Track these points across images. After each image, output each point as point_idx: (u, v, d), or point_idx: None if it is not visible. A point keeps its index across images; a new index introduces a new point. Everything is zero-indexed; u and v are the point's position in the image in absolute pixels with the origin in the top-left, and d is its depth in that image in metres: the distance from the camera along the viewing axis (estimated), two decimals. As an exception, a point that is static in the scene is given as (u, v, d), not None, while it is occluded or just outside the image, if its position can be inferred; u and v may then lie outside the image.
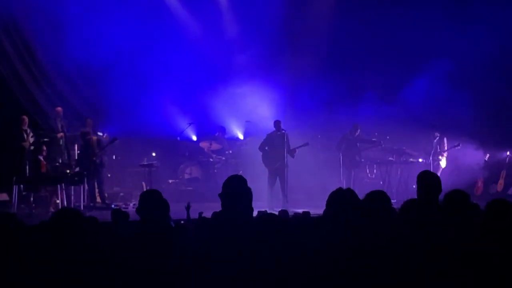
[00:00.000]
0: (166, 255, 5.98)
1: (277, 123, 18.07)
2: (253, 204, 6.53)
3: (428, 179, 7.47)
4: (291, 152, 17.92)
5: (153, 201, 6.44)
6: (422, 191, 7.39)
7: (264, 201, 16.85)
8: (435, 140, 19.24)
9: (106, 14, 20.59)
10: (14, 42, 20.11)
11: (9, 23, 19.75)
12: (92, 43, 20.78)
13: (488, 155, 19.90)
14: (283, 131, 17.87)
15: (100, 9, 20.73)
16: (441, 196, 6.97)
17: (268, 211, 10.55)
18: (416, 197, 7.31)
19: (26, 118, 18.74)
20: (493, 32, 19.87)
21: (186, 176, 21.30)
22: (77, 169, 17.74)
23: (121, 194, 19.32)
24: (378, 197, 6.40)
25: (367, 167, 19.94)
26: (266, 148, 18.15)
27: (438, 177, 7.65)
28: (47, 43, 20.32)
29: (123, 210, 10.55)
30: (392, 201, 6.64)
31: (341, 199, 6.13)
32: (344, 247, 5.67)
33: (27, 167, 17.70)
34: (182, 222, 8.60)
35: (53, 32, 20.24)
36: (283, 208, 12.80)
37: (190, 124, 21.74)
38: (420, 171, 7.79)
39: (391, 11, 20.37)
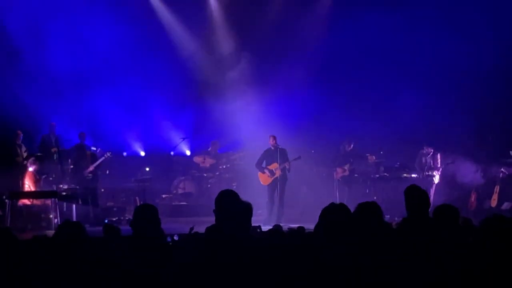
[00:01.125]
0: (158, 270, 5.96)
1: (272, 139, 18.06)
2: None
3: (414, 194, 7.47)
4: (287, 167, 17.94)
5: (147, 216, 6.44)
6: (409, 206, 7.39)
7: (258, 216, 16.83)
8: (428, 156, 19.24)
9: (97, 25, 20.74)
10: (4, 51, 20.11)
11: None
12: (83, 56, 20.92)
13: (481, 171, 19.88)
14: (279, 146, 17.89)
15: (90, 22, 20.87)
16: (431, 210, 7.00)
17: (263, 226, 10.55)
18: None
19: (20, 133, 18.74)
20: (490, 45, 20.00)
21: (180, 191, 21.27)
22: (72, 185, 17.74)
23: (115, 208, 19.26)
24: (369, 209, 6.40)
25: (361, 182, 19.90)
26: (263, 164, 18.14)
27: (425, 191, 7.64)
28: (36, 54, 20.36)
29: (116, 225, 10.52)
30: (386, 216, 6.64)
31: (333, 214, 6.11)
32: (337, 263, 5.66)
33: (21, 182, 17.66)
34: (175, 237, 8.57)
35: (42, 44, 20.34)
36: (277, 223, 12.79)
37: (183, 138, 21.77)
38: (413, 186, 7.79)
39: (384, 26, 20.43)
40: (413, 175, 19.29)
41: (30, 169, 17.23)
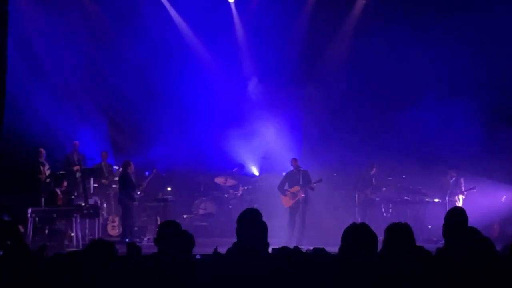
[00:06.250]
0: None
1: (294, 161, 18.12)
2: (268, 241, 6.48)
3: (458, 218, 7.42)
4: (311, 186, 17.96)
5: (172, 233, 6.46)
6: (450, 229, 7.32)
7: (279, 238, 16.79)
8: (451, 180, 19.15)
9: (125, 43, 20.95)
10: (28, 63, 20.23)
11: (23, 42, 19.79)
12: (107, 74, 21.08)
13: (504, 196, 19.71)
14: (301, 169, 17.93)
15: (120, 40, 21.07)
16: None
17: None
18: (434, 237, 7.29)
19: (43, 151, 18.88)
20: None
21: (201, 212, 21.25)
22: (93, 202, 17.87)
23: (136, 228, 19.30)
24: (401, 231, 6.34)
25: (382, 206, 19.82)
26: (285, 187, 18.19)
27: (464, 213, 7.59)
28: (59, 70, 20.56)
29: (136, 244, 10.52)
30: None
31: (356, 234, 6.07)
32: (362, 284, 5.62)
33: (43, 200, 17.77)
34: (198, 256, 8.54)
35: (64, 60, 20.51)
36: (297, 245, 12.74)
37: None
38: (435, 211, 7.77)
39: (409, 47, 20.52)
40: (435, 200, 19.19)
41: (56, 187, 17.32)
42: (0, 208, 15.82)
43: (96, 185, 19.62)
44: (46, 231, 16.58)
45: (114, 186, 19.46)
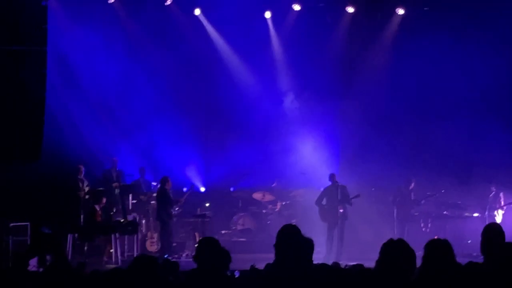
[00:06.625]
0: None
1: (332, 176, 18.12)
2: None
3: (493, 235, 7.31)
4: (349, 201, 17.94)
5: (210, 250, 6.45)
6: (487, 247, 7.21)
7: (317, 253, 16.69)
8: (491, 195, 18.97)
9: (157, 62, 21.10)
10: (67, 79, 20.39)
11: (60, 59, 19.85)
12: (143, 91, 21.22)
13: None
14: (339, 184, 17.91)
15: (151, 59, 21.22)
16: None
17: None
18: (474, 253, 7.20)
19: (82, 167, 19.03)
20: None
21: (239, 227, 21.25)
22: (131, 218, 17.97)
23: (174, 244, 19.35)
24: (441, 247, 6.26)
25: (421, 221, 19.69)
26: (323, 202, 18.17)
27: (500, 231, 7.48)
28: (97, 88, 20.74)
29: (173, 260, 10.56)
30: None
31: (393, 250, 6.02)
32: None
33: (82, 216, 17.90)
34: (236, 273, 8.55)
35: (102, 77, 20.68)
36: (335, 261, 12.72)
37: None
38: (475, 225, 7.68)
39: (446, 61, 20.46)
40: (475, 214, 19.02)
41: (95, 204, 17.45)
42: (39, 222, 15.99)
43: (134, 201, 19.70)
44: (85, 248, 16.71)
45: (152, 202, 19.50)
